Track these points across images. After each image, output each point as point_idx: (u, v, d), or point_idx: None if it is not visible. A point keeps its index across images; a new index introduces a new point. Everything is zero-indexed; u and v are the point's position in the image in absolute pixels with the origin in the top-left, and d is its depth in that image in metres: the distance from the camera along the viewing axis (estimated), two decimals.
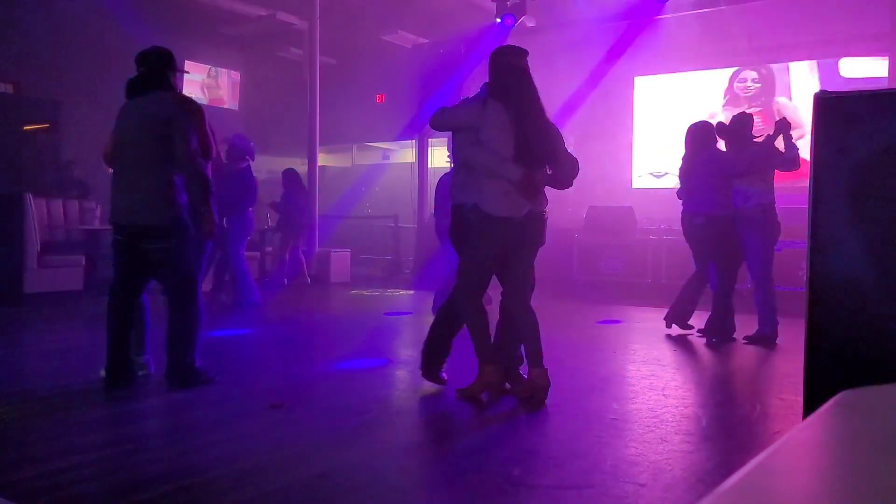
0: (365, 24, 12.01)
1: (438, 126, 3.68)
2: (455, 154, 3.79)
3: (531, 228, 3.56)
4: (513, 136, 3.46)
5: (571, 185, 3.86)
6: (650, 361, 5.00)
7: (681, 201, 5.83)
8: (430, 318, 3.99)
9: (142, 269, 3.81)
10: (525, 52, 3.75)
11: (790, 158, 5.50)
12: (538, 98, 3.61)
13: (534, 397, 3.55)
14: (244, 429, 3.16)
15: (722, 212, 5.52)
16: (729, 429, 3.23)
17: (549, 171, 3.64)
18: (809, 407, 1.57)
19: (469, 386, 3.64)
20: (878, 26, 9.75)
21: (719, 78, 11.42)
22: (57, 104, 9.92)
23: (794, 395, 3.72)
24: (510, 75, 3.59)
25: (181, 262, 3.76)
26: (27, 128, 9.93)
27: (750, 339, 5.54)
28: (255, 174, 7.38)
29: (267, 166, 14.28)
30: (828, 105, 1.67)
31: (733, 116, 5.96)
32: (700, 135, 5.75)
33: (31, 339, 5.73)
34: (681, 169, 5.84)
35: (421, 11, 11.32)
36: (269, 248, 9.71)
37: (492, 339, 3.68)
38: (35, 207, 7.36)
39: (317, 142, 11.02)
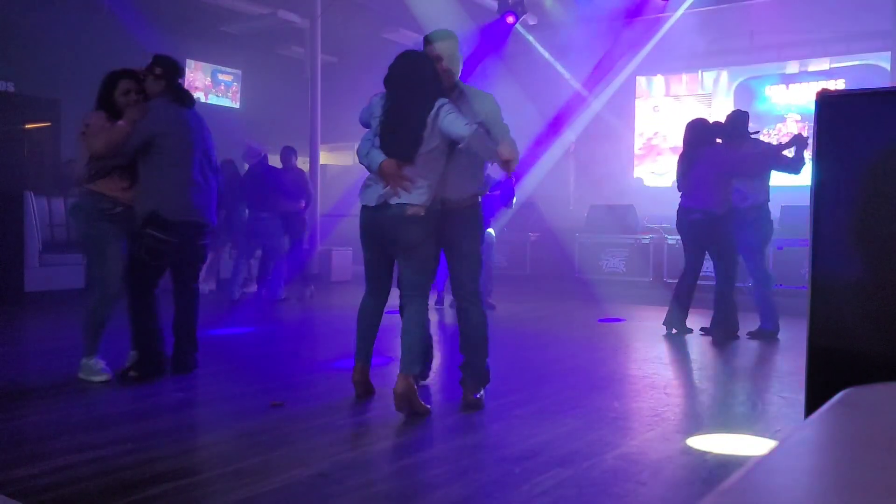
0: (366, 22, 12.01)
1: (360, 121, 3.66)
2: None
3: (387, 222, 3.34)
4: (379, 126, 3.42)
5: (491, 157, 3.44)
6: (651, 360, 5.00)
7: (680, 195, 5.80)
8: (431, 316, 3.98)
9: (166, 266, 4.08)
10: (433, 35, 3.59)
11: (794, 165, 5.51)
12: (414, 85, 3.38)
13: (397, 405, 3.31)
14: (244, 428, 3.16)
15: (720, 209, 5.46)
16: (730, 427, 3.23)
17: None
18: (811, 405, 1.57)
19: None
20: (880, 24, 9.74)
21: (720, 77, 11.40)
22: (58, 103, 9.93)
23: (796, 393, 3.72)
24: (392, 67, 3.49)
25: (204, 258, 4.30)
26: (28, 126, 9.94)
27: (752, 335, 5.55)
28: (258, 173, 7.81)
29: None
30: (829, 104, 1.66)
31: (728, 114, 5.95)
32: (699, 130, 5.68)
33: (31, 337, 5.73)
34: (679, 163, 5.76)
35: (422, 9, 11.30)
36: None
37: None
38: (36, 206, 7.37)
39: (318, 140, 11.01)
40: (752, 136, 5.73)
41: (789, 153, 5.53)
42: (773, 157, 5.54)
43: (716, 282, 5.64)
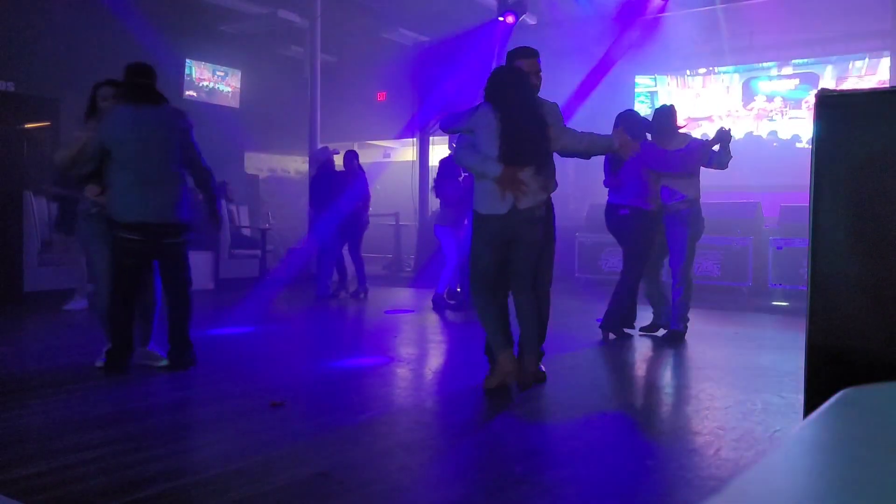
0: (366, 21, 12.01)
1: (447, 128, 3.92)
2: None
3: (517, 226, 3.65)
4: (498, 135, 3.62)
5: (588, 153, 3.93)
6: (650, 359, 5.00)
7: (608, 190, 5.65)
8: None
9: (148, 266, 4.14)
10: (526, 52, 3.94)
11: (720, 160, 5.45)
12: (527, 97, 3.72)
13: (525, 381, 3.74)
14: (244, 427, 3.16)
15: (648, 206, 5.39)
16: (730, 427, 3.23)
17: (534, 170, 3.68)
18: (810, 405, 1.57)
19: (487, 377, 3.77)
20: (880, 24, 9.74)
21: (720, 76, 11.43)
22: (57, 102, 9.92)
23: (795, 393, 3.72)
24: (500, 77, 3.76)
25: (186, 256, 4.21)
26: (27, 126, 9.92)
27: (665, 337, 5.50)
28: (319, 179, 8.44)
29: (268, 164, 14.28)
30: (828, 103, 1.66)
31: (656, 109, 5.85)
32: (632, 124, 5.44)
33: (30, 337, 5.73)
34: (608, 158, 5.50)
35: (422, 9, 11.32)
36: (270, 247, 9.72)
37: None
38: (35, 206, 7.37)
39: (318, 140, 11.01)
40: (680, 130, 5.68)
41: (716, 148, 5.46)
42: (701, 153, 5.44)
43: (622, 276, 5.59)
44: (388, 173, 14.57)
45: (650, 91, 12.01)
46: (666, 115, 5.66)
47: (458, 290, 7.31)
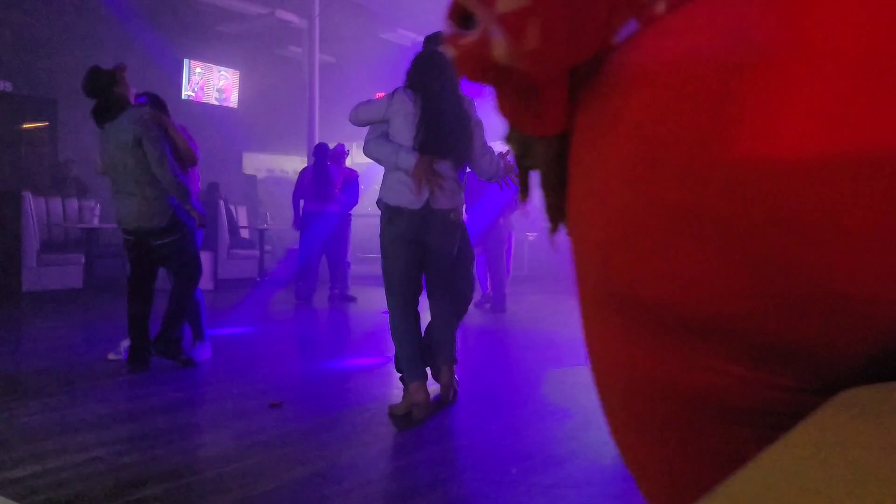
0: (364, 22, 12.01)
1: (354, 120, 3.41)
2: None
3: (430, 228, 3.24)
4: (416, 122, 3.22)
5: (493, 178, 3.45)
6: None
7: None
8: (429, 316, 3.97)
9: (152, 262, 4.37)
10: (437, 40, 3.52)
11: None
12: (451, 84, 3.27)
13: (446, 397, 3.45)
14: (242, 427, 3.16)
15: None
16: None
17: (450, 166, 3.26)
18: None
19: (397, 405, 3.36)
20: None
21: None
22: (55, 102, 9.91)
23: None
24: (422, 61, 3.36)
25: (183, 252, 4.33)
26: (26, 126, 9.92)
27: None
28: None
29: (266, 165, 14.27)
30: None
31: None
32: None
33: (29, 337, 5.72)
34: None
35: (421, 10, 11.31)
36: (268, 247, 9.72)
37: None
38: (34, 206, 7.36)
39: (316, 140, 11.00)
40: None
41: None
42: None
43: None
44: None
45: None
46: None
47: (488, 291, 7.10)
